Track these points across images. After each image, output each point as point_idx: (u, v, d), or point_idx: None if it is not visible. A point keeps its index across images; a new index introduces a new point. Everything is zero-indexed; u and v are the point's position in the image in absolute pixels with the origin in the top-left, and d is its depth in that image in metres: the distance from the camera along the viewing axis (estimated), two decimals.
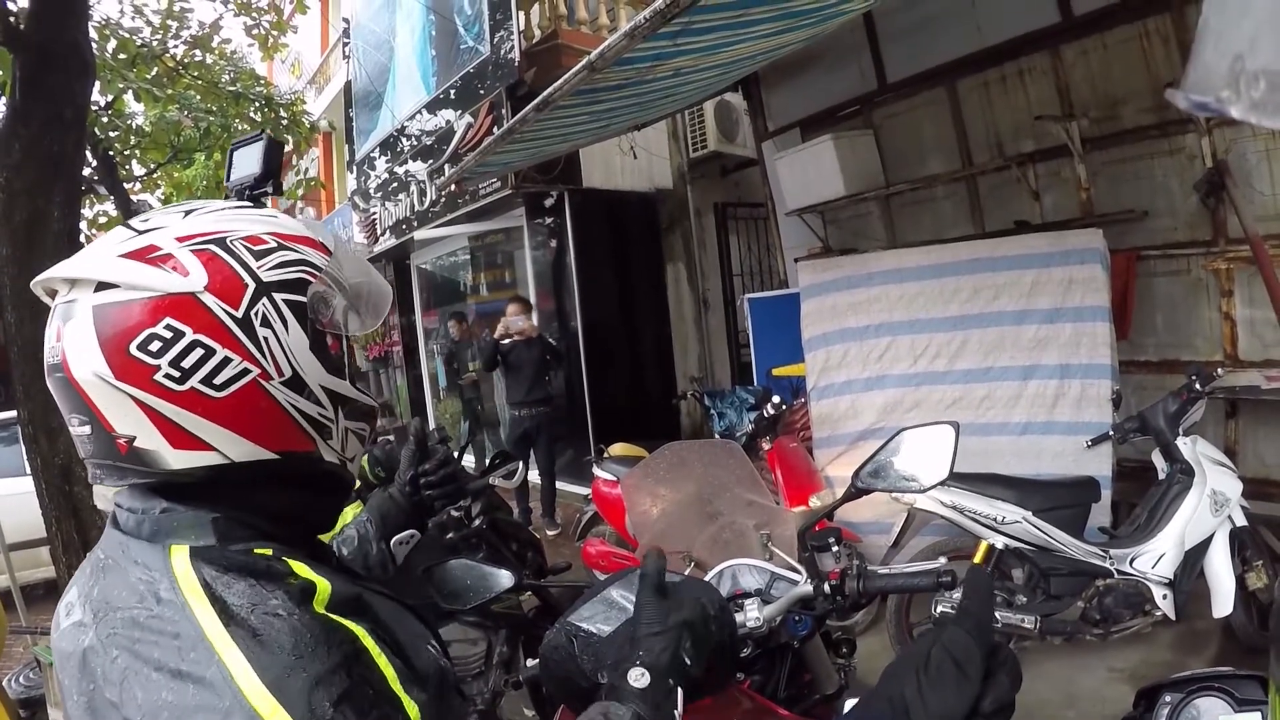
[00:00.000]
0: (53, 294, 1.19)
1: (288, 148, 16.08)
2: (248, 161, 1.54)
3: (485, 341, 9.66)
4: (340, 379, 1.28)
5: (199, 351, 1.12)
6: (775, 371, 8.12)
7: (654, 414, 11.15)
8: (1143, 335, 6.88)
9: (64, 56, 5.24)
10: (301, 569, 1.13)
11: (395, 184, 14.23)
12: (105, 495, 4.83)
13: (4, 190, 5.14)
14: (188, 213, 1.23)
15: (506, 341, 8.97)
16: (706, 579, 2.27)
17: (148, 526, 1.15)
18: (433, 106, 12.63)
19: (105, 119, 10.59)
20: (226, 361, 1.14)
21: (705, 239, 12.08)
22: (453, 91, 12.00)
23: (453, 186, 11.35)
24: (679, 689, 1.47)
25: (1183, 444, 5.04)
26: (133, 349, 1.10)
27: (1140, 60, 6.52)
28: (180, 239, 1.17)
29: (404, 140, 13.81)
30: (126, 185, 12.55)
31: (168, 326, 1.11)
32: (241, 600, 1.05)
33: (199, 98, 11.29)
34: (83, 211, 8.98)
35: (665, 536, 2.68)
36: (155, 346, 1.10)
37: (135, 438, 1.12)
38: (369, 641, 1.07)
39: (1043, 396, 5.86)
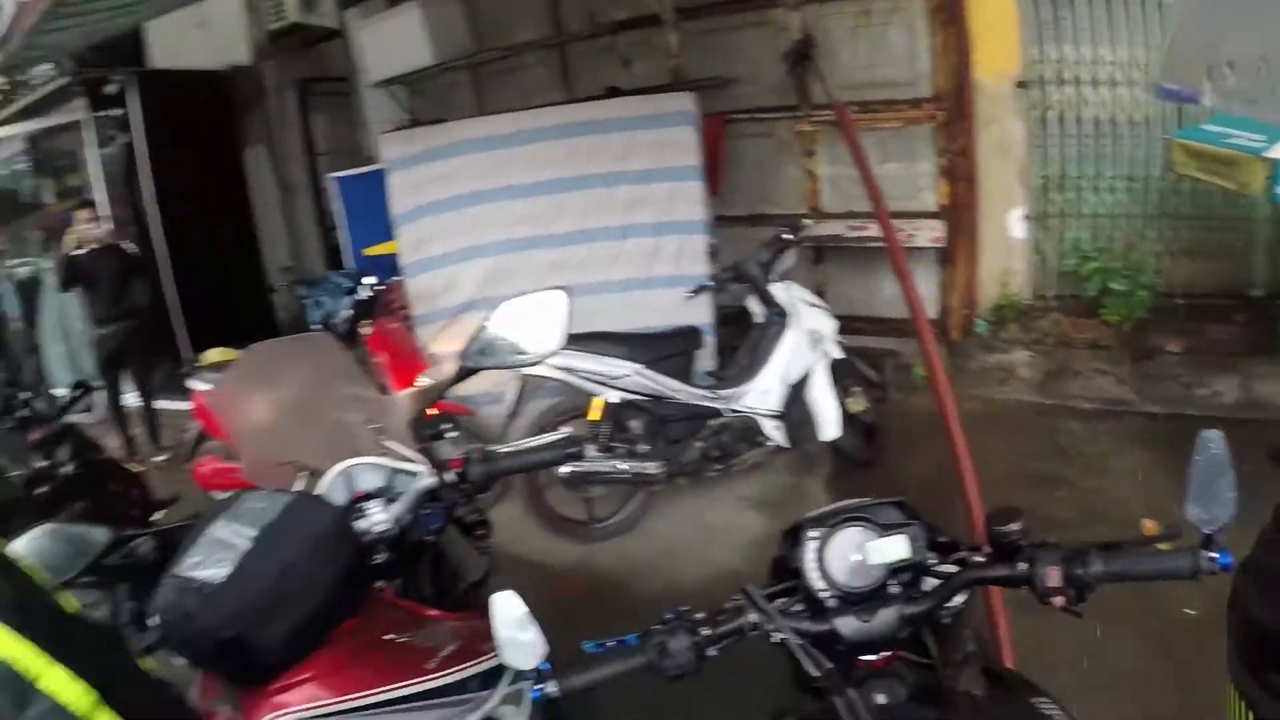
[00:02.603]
0: None
1: None
2: None
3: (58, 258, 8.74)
4: None
5: None
6: (367, 251, 7.93)
7: (248, 313, 10.56)
8: (734, 192, 7.30)
9: None
10: None
11: None
12: None
13: None
14: None
15: (80, 253, 8.13)
16: (321, 487, 2.12)
17: None
18: None
19: None
20: None
21: (286, 118, 11.43)
22: None
23: (1, 79, 10.18)
24: None
25: (777, 289, 5.36)
26: None
27: None
28: None
29: None
30: None
31: None
32: None
33: None
34: None
35: (267, 449, 2.49)
36: None
37: None
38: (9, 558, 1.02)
39: (641, 253, 6.01)
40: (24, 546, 2.33)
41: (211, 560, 1.73)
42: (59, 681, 0.88)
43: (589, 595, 4.85)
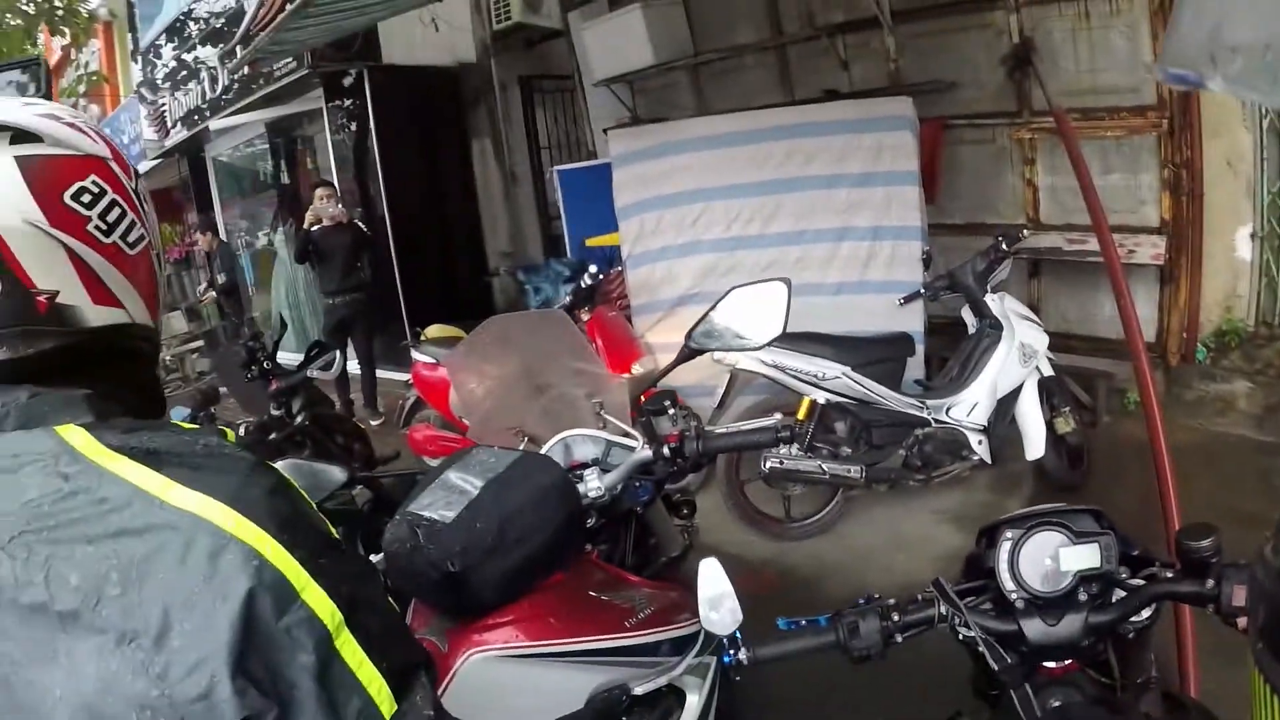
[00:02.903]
0: None
1: (64, 41, 14.97)
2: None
3: (296, 232, 9.32)
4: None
5: (118, 210, 1.15)
6: (589, 242, 8.11)
7: (467, 293, 10.99)
8: (950, 199, 7.14)
9: None
10: (192, 429, 1.12)
11: (184, 72, 13.33)
12: None
13: None
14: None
15: (316, 229, 8.62)
16: (542, 452, 2.23)
17: (14, 418, 1.04)
18: None
19: None
20: (134, 225, 1.17)
21: (511, 113, 11.79)
22: None
23: (245, 69, 10.78)
24: None
25: (991, 300, 5.26)
26: (67, 198, 1.09)
27: None
28: (66, 120, 1.16)
29: (191, 25, 12.94)
30: None
31: (94, 182, 1.12)
32: (168, 445, 1.02)
33: None
34: None
35: (495, 414, 2.63)
36: (86, 199, 1.11)
37: (59, 292, 1.08)
38: (290, 481, 1.07)
39: (856, 257, 5.98)
40: None
41: (441, 502, 1.85)
42: (316, 597, 0.96)
43: (778, 591, 4.88)
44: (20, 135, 1.07)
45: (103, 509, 0.93)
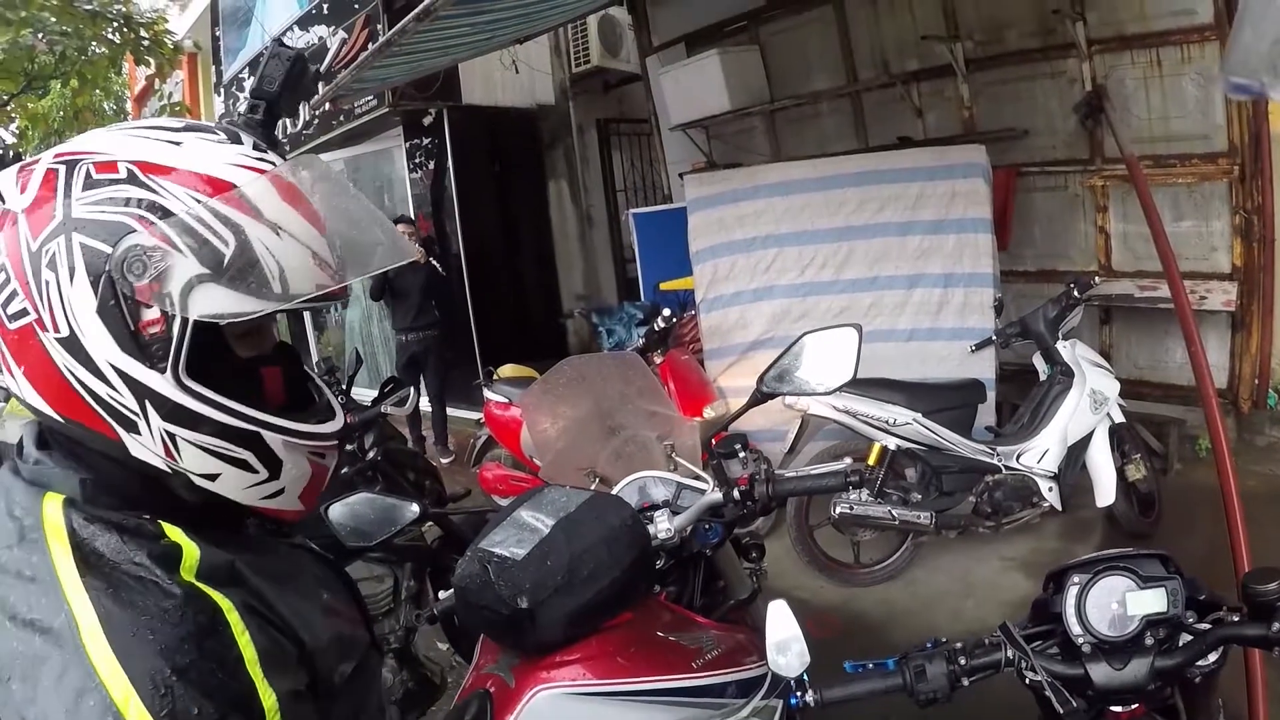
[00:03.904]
0: None
1: (149, 71, 15.29)
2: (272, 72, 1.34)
3: None
4: (148, 365, 1.05)
5: (1, 275, 1.03)
6: (663, 285, 8.12)
7: (540, 334, 11.11)
8: (1022, 246, 7.15)
9: None
10: (174, 532, 1.04)
11: None
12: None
13: None
14: (117, 128, 1.11)
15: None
16: (614, 493, 2.26)
17: (27, 472, 1.08)
18: (305, 22, 12.06)
19: None
20: (14, 295, 1.03)
21: (588, 155, 11.94)
22: (326, 5, 11.51)
23: (327, 106, 10.99)
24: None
25: (1062, 347, 5.25)
26: None
27: None
28: (59, 154, 1.07)
29: None
30: None
31: None
32: (104, 550, 0.98)
33: (54, 19, 10.45)
34: None
35: (567, 454, 2.67)
36: None
37: None
38: (233, 616, 0.99)
39: (928, 304, 5.98)
40: (341, 511, 2.56)
41: (513, 540, 1.88)
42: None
43: (845, 635, 4.86)
44: None
45: (28, 589, 0.94)
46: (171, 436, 1.06)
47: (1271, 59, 1.08)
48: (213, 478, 1.10)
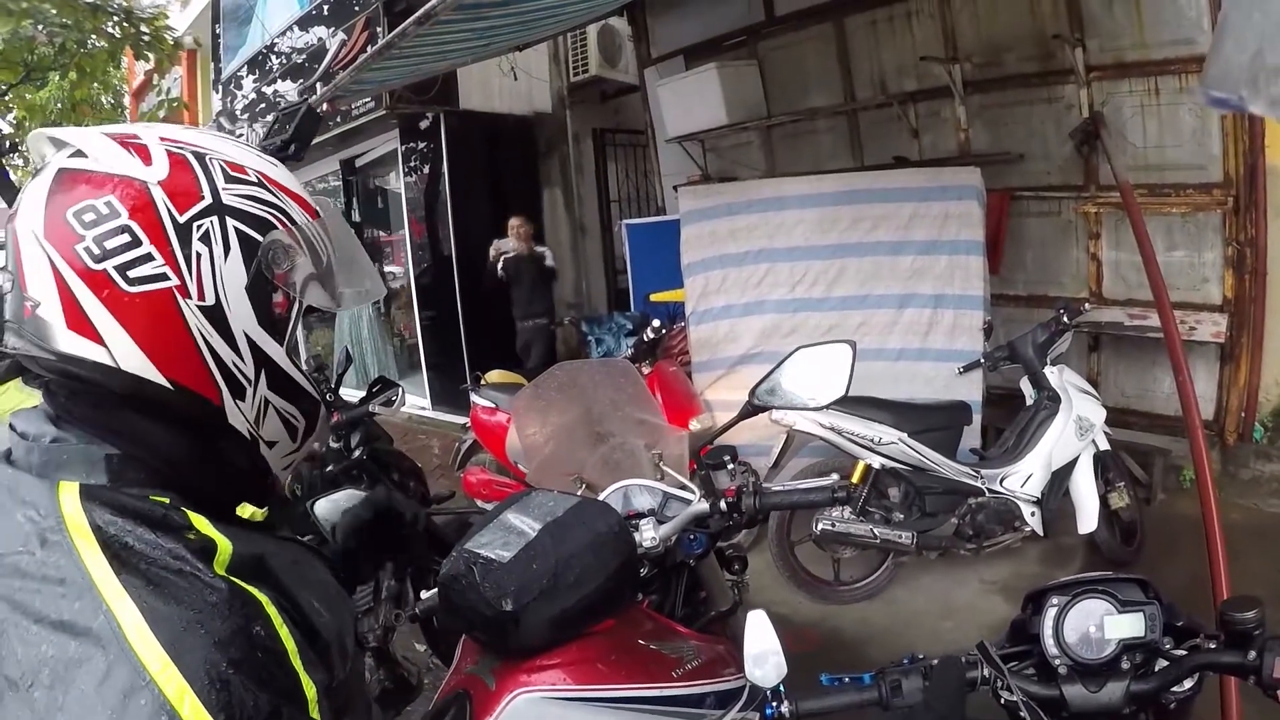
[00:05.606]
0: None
1: (148, 66, 15.28)
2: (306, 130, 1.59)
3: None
4: (274, 339, 1.20)
5: (125, 237, 1.07)
6: (653, 297, 8.13)
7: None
8: (1013, 271, 7.18)
9: None
10: (201, 523, 1.05)
11: (264, 104, 13.43)
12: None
13: None
14: (189, 128, 1.24)
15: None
16: (600, 499, 2.27)
17: (37, 456, 1.07)
18: (305, 22, 12.10)
19: None
20: (147, 258, 1.08)
21: (583, 164, 11.97)
22: (326, 7, 11.54)
23: (324, 106, 10.97)
24: None
25: (1050, 372, 5.29)
26: (68, 213, 1.07)
27: (1026, 9, 6.70)
28: (163, 138, 1.16)
29: (274, 58, 13.15)
30: None
31: (108, 204, 1.07)
32: (136, 545, 0.98)
33: (55, 11, 10.37)
34: None
35: (555, 459, 2.67)
36: (89, 218, 1.07)
37: (40, 304, 1.07)
38: (272, 611, 1.01)
39: (917, 324, 5.99)
40: (327, 507, 2.55)
41: (499, 542, 1.88)
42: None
43: (823, 651, 4.86)
44: (78, 151, 1.10)
45: (58, 591, 0.93)
46: (266, 403, 1.21)
47: (1252, 72, 1.09)
48: (272, 444, 1.25)
